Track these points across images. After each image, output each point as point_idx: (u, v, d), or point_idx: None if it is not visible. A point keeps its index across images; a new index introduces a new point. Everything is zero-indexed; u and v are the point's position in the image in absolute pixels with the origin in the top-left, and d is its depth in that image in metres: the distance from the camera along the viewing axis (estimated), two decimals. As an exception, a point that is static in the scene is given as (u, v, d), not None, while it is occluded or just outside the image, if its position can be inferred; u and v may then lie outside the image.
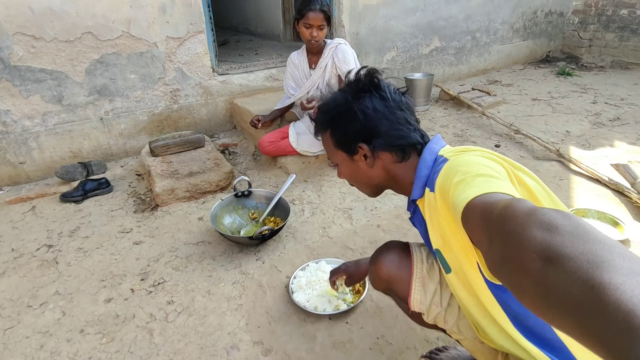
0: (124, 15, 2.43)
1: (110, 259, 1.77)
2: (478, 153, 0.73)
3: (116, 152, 2.74)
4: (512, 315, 0.72)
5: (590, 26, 5.14)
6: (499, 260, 0.47)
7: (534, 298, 0.40)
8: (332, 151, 0.96)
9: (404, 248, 0.98)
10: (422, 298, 0.92)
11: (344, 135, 0.92)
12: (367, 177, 0.93)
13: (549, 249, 0.39)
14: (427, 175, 0.82)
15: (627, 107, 3.48)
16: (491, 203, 0.53)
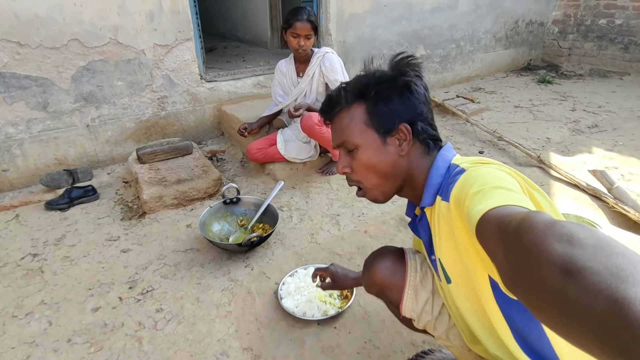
0: (111, 23, 2.43)
1: (97, 267, 1.76)
2: (495, 166, 0.71)
3: (103, 159, 2.72)
4: (516, 330, 0.72)
5: (570, 36, 5.32)
6: (515, 272, 0.45)
7: (552, 312, 0.39)
8: (355, 129, 0.83)
9: (398, 254, 0.99)
10: (413, 305, 0.93)
11: (388, 109, 0.82)
12: (394, 166, 0.84)
13: (569, 261, 0.38)
14: (440, 184, 0.79)
15: (604, 115, 3.61)
16: (508, 215, 0.52)
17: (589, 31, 5.17)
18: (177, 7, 2.62)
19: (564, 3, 5.25)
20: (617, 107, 3.77)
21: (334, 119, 0.88)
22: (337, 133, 0.87)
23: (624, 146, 2.90)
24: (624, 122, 3.39)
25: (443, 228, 0.77)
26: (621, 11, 4.80)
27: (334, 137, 0.88)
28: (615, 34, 4.92)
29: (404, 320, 1.02)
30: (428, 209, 0.83)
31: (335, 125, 0.88)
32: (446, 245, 0.78)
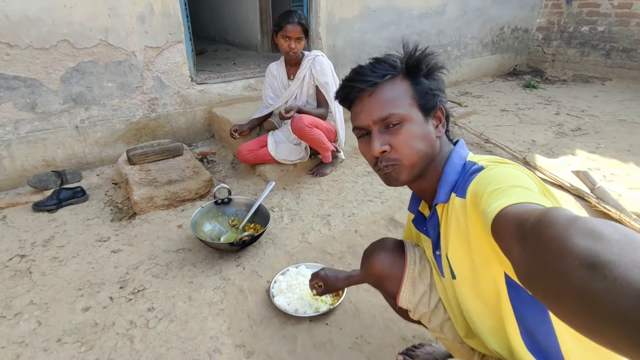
0: (101, 24, 2.42)
1: (87, 267, 1.75)
2: (513, 166, 0.71)
3: (92, 160, 2.70)
4: (524, 326, 0.72)
5: (554, 42, 5.46)
6: (534, 266, 0.44)
7: (573, 307, 0.38)
8: (404, 102, 0.79)
9: (398, 246, 1.00)
10: (410, 297, 0.95)
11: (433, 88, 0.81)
12: (432, 146, 0.81)
13: (594, 255, 0.37)
14: (456, 181, 0.79)
15: (587, 118, 3.71)
16: (527, 211, 0.52)
17: (572, 38, 5.31)
18: (168, 9, 2.63)
19: (548, 10, 5.39)
20: (599, 111, 3.88)
21: (376, 90, 0.80)
22: (380, 105, 0.79)
23: (606, 148, 2.99)
24: (605, 126, 3.49)
25: (454, 225, 0.77)
26: (603, 18, 4.95)
27: (375, 110, 0.79)
28: (598, 41, 5.07)
29: (399, 310, 1.04)
30: (440, 206, 0.82)
31: (377, 96, 0.80)
32: (455, 241, 0.78)
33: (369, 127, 0.81)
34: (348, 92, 0.84)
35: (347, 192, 2.41)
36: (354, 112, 0.85)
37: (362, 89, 0.81)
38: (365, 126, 0.82)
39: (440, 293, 0.94)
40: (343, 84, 0.85)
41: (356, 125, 0.84)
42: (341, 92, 0.86)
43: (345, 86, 0.84)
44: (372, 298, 1.54)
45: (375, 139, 0.79)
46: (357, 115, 0.83)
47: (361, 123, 0.82)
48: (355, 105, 0.84)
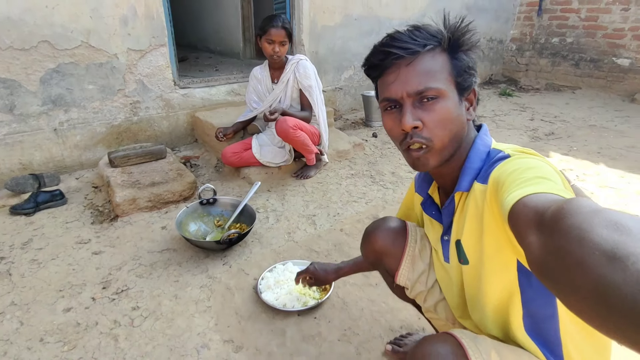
0: (83, 26, 2.40)
1: (67, 269, 1.71)
2: (539, 158, 0.69)
3: (70, 164, 2.64)
4: (528, 311, 0.73)
5: (526, 52, 5.69)
6: (550, 255, 0.43)
7: (588, 297, 0.37)
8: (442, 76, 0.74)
9: (401, 225, 1.01)
10: (409, 274, 0.97)
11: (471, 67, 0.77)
12: (463, 128, 0.77)
13: (617, 247, 0.36)
14: (480, 169, 0.76)
15: (559, 124, 3.87)
16: (549, 200, 0.50)
17: (543, 49, 5.55)
18: (151, 12, 2.63)
19: (521, 22, 5.62)
20: (570, 117, 4.06)
21: (416, 59, 0.73)
22: (418, 76, 0.73)
23: (578, 151, 3.13)
24: (577, 130, 3.65)
25: (471, 211, 0.76)
26: (572, 30, 5.20)
27: (412, 81, 0.73)
28: (567, 52, 5.31)
29: (396, 288, 1.05)
30: (458, 194, 0.80)
31: (416, 67, 0.73)
32: (471, 228, 0.77)
33: (402, 99, 0.74)
34: (383, 59, 0.75)
35: (331, 193, 2.44)
36: (385, 81, 0.76)
37: (401, 56, 0.73)
38: (398, 98, 0.74)
39: (439, 275, 0.95)
40: (376, 49, 0.77)
41: (387, 96, 0.76)
42: (374, 58, 0.77)
43: (380, 52, 0.75)
44: (359, 292, 1.56)
45: (408, 112, 0.73)
46: (388, 85, 0.75)
47: (393, 94, 0.75)
48: (387, 74, 0.76)
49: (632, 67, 4.78)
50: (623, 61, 4.82)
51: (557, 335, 0.73)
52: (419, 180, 0.97)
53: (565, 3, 5.18)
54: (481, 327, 0.85)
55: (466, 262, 0.82)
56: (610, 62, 4.93)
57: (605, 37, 4.91)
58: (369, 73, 0.81)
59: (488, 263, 0.75)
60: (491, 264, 0.75)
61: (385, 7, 4.02)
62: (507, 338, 0.80)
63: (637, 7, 4.59)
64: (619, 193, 2.40)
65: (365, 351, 1.29)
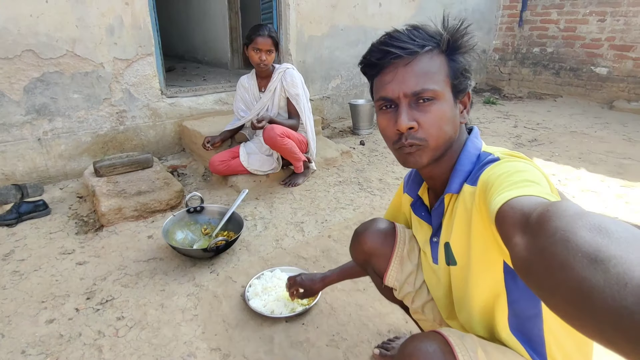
0: (69, 35, 2.39)
1: (50, 280, 1.67)
2: (527, 162, 0.70)
3: (54, 174, 2.61)
4: (514, 311, 0.74)
5: (509, 62, 5.83)
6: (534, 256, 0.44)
7: (570, 298, 0.37)
8: (439, 78, 0.74)
9: (390, 226, 1.02)
10: (397, 275, 0.98)
11: (467, 69, 0.77)
12: (455, 130, 0.78)
13: (598, 249, 0.37)
14: (470, 171, 0.77)
15: (542, 130, 3.96)
16: (535, 203, 0.52)
17: (525, 58, 5.70)
18: (138, 22, 2.63)
19: (503, 33, 5.77)
20: (552, 124, 4.15)
21: (414, 60, 0.73)
22: (415, 77, 0.73)
23: (560, 156, 3.20)
24: (558, 137, 3.74)
25: (460, 213, 0.77)
26: (552, 40, 5.35)
27: (409, 82, 0.73)
28: (548, 61, 5.46)
29: (384, 289, 1.06)
30: (448, 195, 0.81)
31: (414, 67, 0.73)
32: (459, 230, 0.78)
33: (398, 99, 0.74)
34: (380, 57, 0.75)
35: (319, 200, 2.44)
36: (382, 80, 0.76)
37: (399, 55, 0.73)
38: (395, 98, 0.75)
39: (426, 276, 0.96)
40: (375, 47, 0.76)
41: (383, 96, 0.76)
42: (372, 56, 0.77)
43: (378, 50, 0.75)
44: (347, 297, 1.56)
45: (404, 112, 0.73)
46: (385, 84, 0.76)
47: (390, 93, 0.75)
48: (385, 73, 0.76)
49: (609, 76, 4.93)
50: (601, 70, 4.98)
51: (541, 334, 0.75)
52: (408, 181, 0.98)
53: (545, 14, 5.34)
54: (467, 327, 0.86)
55: (454, 264, 0.82)
56: (589, 70, 5.08)
57: (584, 46, 5.07)
58: (365, 71, 0.81)
59: (475, 264, 0.76)
60: (478, 265, 0.76)
61: (371, 18, 4.10)
62: (492, 338, 0.81)
63: (612, 18, 4.77)
64: (599, 197, 2.46)
65: (353, 356, 1.29)
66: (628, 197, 2.46)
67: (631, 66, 4.74)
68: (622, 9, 4.67)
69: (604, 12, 4.80)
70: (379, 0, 4.11)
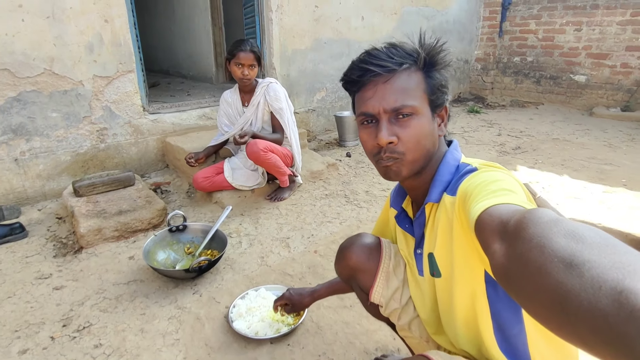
0: (46, 53, 2.35)
1: (25, 307, 1.60)
2: (504, 172, 0.72)
3: (32, 195, 2.53)
4: (498, 324, 0.74)
5: (491, 71, 5.94)
6: (512, 262, 0.45)
7: (547, 303, 0.38)
8: (417, 94, 0.77)
9: (375, 241, 1.01)
10: (383, 291, 0.95)
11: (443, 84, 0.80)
12: (434, 144, 0.81)
13: (573, 254, 0.38)
14: (449, 181, 0.79)
15: (525, 138, 4.02)
16: (512, 210, 0.53)
17: (506, 68, 5.81)
18: (118, 39, 2.60)
19: (484, 43, 5.89)
20: (535, 132, 4.22)
21: (393, 77, 0.76)
22: (395, 94, 0.76)
23: (543, 163, 3.24)
24: (541, 144, 3.79)
25: (442, 223, 0.78)
26: (531, 50, 5.48)
27: (389, 98, 0.76)
28: (528, 70, 5.58)
29: (370, 306, 1.03)
30: (429, 205, 0.82)
31: (393, 84, 0.76)
32: (442, 240, 0.79)
33: (379, 114, 0.77)
34: (361, 75, 0.78)
35: (305, 214, 2.42)
36: (363, 97, 0.79)
37: (378, 73, 0.76)
38: (375, 113, 0.77)
39: (413, 291, 0.94)
40: (355, 65, 0.79)
41: (364, 111, 0.79)
42: (352, 74, 0.80)
43: (359, 68, 0.78)
44: (333, 315, 1.52)
45: (384, 128, 0.76)
46: (366, 101, 0.78)
47: (370, 109, 0.78)
48: (365, 90, 0.79)
49: (588, 83, 5.05)
50: (580, 77, 5.10)
51: (526, 349, 0.74)
52: (393, 194, 0.98)
53: (524, 25, 5.47)
54: (454, 342, 0.84)
55: (439, 275, 0.82)
56: (568, 78, 5.20)
57: (562, 55, 5.20)
58: (346, 87, 0.84)
59: (458, 274, 0.76)
60: (460, 275, 0.76)
61: (354, 31, 4.14)
62: (480, 355, 0.79)
63: (588, 27, 4.90)
64: (583, 203, 2.48)
65: (341, 377, 1.25)
66: (610, 202, 2.49)
67: (608, 73, 4.86)
68: (597, 19, 4.81)
69: (580, 21, 4.94)
70: (362, 14, 4.15)
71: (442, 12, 5.11)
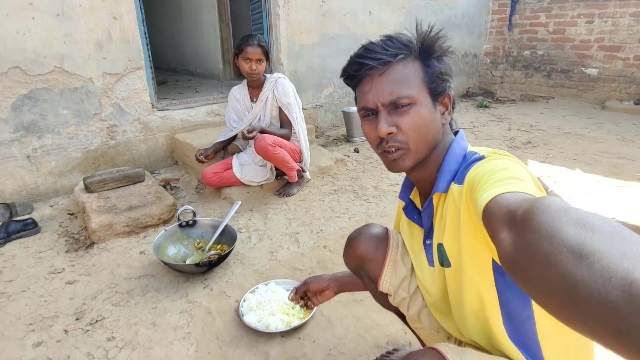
0: (57, 51, 2.37)
1: (39, 301, 1.63)
2: (512, 159, 0.71)
3: (45, 191, 2.56)
4: (507, 312, 0.73)
5: (500, 66, 5.86)
6: (520, 251, 0.45)
7: (555, 292, 0.38)
8: (414, 84, 0.77)
9: (383, 231, 1.02)
10: (392, 280, 0.96)
11: (444, 72, 0.80)
12: (437, 133, 0.80)
13: (582, 244, 0.37)
14: (456, 170, 0.79)
15: (536, 132, 3.96)
16: (520, 199, 0.52)
17: (516, 61, 5.74)
18: (127, 36, 2.62)
19: (493, 37, 5.82)
20: (546, 126, 4.16)
21: (388, 69, 0.77)
22: (391, 85, 0.76)
23: (555, 158, 3.19)
24: (552, 138, 3.74)
25: (451, 213, 0.77)
26: (542, 43, 5.40)
27: (385, 91, 0.77)
28: (539, 63, 5.50)
29: (379, 296, 1.03)
30: (436, 195, 0.82)
31: (389, 76, 0.77)
32: (451, 230, 0.78)
33: (377, 107, 0.78)
34: (357, 69, 0.79)
35: (314, 210, 2.41)
36: (362, 91, 0.80)
37: (373, 66, 0.77)
38: (373, 107, 0.78)
39: (420, 280, 0.93)
40: (352, 60, 0.81)
41: (364, 105, 0.80)
42: (349, 69, 0.81)
43: (355, 62, 0.79)
44: (344, 309, 1.52)
45: (382, 119, 0.77)
46: (364, 95, 0.79)
47: (369, 103, 0.79)
48: (363, 84, 0.80)
49: (600, 76, 4.96)
50: (591, 71, 5.01)
51: (536, 338, 0.73)
52: (403, 186, 0.98)
53: (534, 18, 5.39)
54: (465, 333, 0.84)
55: (448, 265, 0.82)
56: (580, 72, 5.12)
57: (574, 48, 5.11)
58: (347, 82, 0.86)
59: (466, 262, 0.76)
60: (469, 264, 0.75)
61: (362, 26, 4.11)
62: (491, 346, 0.78)
63: (600, 19, 4.81)
64: (596, 197, 2.44)
65: (352, 370, 1.25)
66: (625, 196, 2.44)
67: (621, 66, 4.77)
68: (610, 10, 4.71)
69: (592, 13, 4.85)
70: (369, 8, 4.12)
71: (450, 5, 5.06)
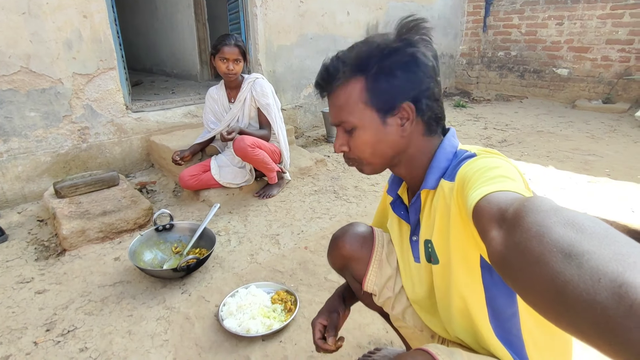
0: (23, 50, 2.27)
1: (6, 312, 1.55)
2: (503, 158, 0.71)
3: (12, 198, 2.45)
4: (493, 309, 0.74)
5: (476, 66, 5.99)
6: (510, 250, 0.45)
7: (544, 292, 0.38)
8: (354, 108, 0.77)
9: (368, 230, 1.01)
10: (377, 280, 0.95)
11: (391, 87, 0.75)
12: (391, 146, 0.80)
13: (572, 244, 0.37)
14: (446, 168, 0.78)
15: (511, 131, 4.06)
16: (511, 198, 0.53)
17: (491, 62, 5.87)
18: (98, 35, 2.53)
19: (468, 38, 5.93)
20: (520, 125, 4.27)
21: (330, 95, 0.81)
22: (334, 110, 0.81)
23: (529, 155, 3.27)
24: (526, 137, 3.84)
25: (440, 210, 0.77)
26: (515, 44, 5.54)
27: (332, 114, 0.82)
28: (512, 64, 5.64)
29: (364, 296, 1.02)
30: (425, 191, 0.82)
31: (332, 102, 0.81)
32: (440, 226, 0.78)
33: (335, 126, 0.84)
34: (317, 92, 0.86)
35: (295, 211, 2.39)
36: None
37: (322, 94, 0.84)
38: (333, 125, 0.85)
39: (405, 278, 0.93)
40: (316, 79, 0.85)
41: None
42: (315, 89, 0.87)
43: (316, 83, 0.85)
44: (325, 311, 1.50)
45: (336, 139, 0.83)
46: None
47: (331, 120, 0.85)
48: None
49: (570, 76, 5.13)
50: (562, 71, 5.17)
51: (519, 334, 0.74)
52: (390, 181, 0.97)
53: (507, 19, 5.53)
54: (450, 330, 0.84)
55: (436, 262, 0.82)
56: (551, 72, 5.28)
57: (545, 49, 5.26)
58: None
59: (455, 259, 0.76)
60: (457, 260, 0.75)
61: (340, 27, 4.12)
62: (476, 344, 0.79)
63: (569, 21, 4.97)
64: (568, 193, 2.52)
65: (335, 372, 1.24)
66: (595, 192, 2.52)
67: (589, 66, 4.94)
68: (578, 13, 4.88)
69: (562, 15, 5.01)
70: (347, 9, 4.13)
71: (427, 7, 5.13)
